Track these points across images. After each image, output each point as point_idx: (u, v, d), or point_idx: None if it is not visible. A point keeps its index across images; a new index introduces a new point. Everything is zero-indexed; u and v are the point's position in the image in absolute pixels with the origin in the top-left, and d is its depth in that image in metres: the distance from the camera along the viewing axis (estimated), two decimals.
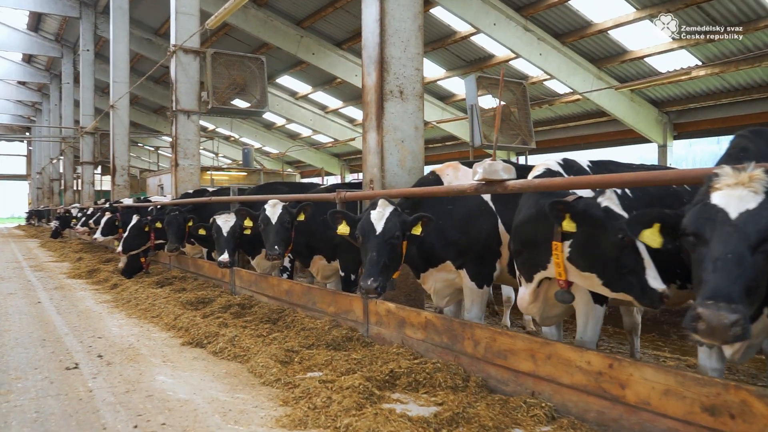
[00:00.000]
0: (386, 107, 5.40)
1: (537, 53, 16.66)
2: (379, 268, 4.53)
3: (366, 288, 4.48)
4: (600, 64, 17.56)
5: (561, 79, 17.28)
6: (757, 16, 13.89)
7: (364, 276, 4.54)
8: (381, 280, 4.49)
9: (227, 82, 11.55)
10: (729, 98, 17.57)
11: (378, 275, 4.50)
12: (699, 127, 19.17)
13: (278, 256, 6.18)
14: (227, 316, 6.82)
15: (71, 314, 7.45)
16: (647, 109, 19.21)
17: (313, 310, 6.37)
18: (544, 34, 16.63)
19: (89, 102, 24.02)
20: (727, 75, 16.57)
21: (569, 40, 16.75)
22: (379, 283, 4.47)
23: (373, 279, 4.48)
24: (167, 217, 9.16)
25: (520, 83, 14.63)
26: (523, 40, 16.39)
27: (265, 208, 6.30)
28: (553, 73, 17.08)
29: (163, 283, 9.50)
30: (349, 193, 5.27)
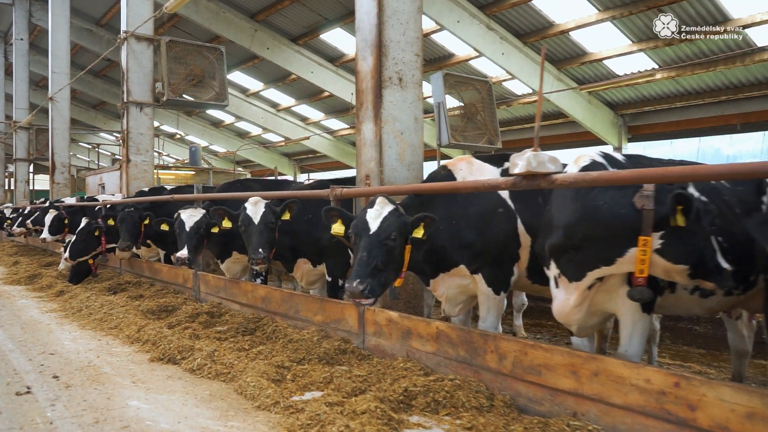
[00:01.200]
0: (385, 95, 4.90)
1: (500, 53, 16.49)
2: (369, 270, 4.03)
3: (351, 290, 3.98)
4: (560, 65, 17.54)
5: (522, 79, 17.18)
6: (714, 21, 14.10)
7: (351, 277, 4.05)
8: (369, 282, 4.00)
9: (184, 73, 10.76)
10: (683, 102, 17.89)
11: (366, 277, 4.01)
12: (653, 130, 19.49)
13: (263, 260, 5.56)
14: (196, 326, 6.15)
15: (14, 326, 6.60)
16: (604, 112, 19.39)
17: (295, 319, 5.79)
18: (506, 34, 16.47)
19: (23, 95, 22.41)
20: (682, 79, 16.84)
21: (531, 40, 16.65)
22: (366, 285, 3.98)
23: (359, 281, 3.98)
24: (121, 213, 8.34)
25: (485, 81, 14.38)
26: (486, 39, 16.18)
27: (246, 206, 5.68)
28: (514, 73, 16.96)
29: (115, 289, 8.67)
30: (346, 189, 4.75)
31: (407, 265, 4.28)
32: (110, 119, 35.64)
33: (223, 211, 6.02)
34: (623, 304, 3.43)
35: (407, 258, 4.23)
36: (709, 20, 14.12)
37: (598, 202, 3.11)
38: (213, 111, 30.60)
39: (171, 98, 10.54)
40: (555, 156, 3.18)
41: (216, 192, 7.40)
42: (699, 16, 14.13)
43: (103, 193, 19.85)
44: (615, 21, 14.95)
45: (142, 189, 10.17)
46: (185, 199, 7.73)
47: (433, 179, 4.53)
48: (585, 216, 3.19)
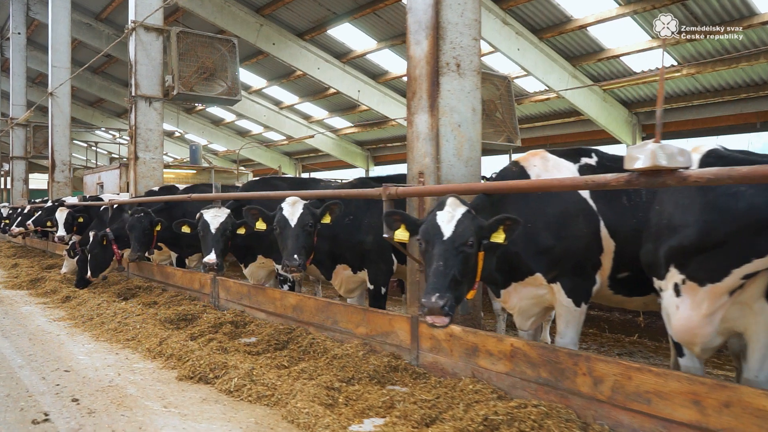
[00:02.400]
0: (442, 83, 4.39)
1: (515, 48, 16.00)
2: (448, 281, 3.51)
3: (430, 306, 3.44)
4: (575, 62, 17.08)
5: (537, 76, 16.69)
6: (740, 15, 13.65)
7: (428, 291, 3.52)
8: (449, 298, 3.47)
9: (195, 66, 10.22)
10: (701, 100, 17.45)
11: (446, 291, 3.48)
12: (668, 129, 19.02)
13: (298, 268, 4.99)
14: (221, 337, 5.62)
15: (21, 337, 6.05)
16: (618, 110, 18.94)
17: (333, 331, 5.27)
18: (522, 29, 15.98)
19: (21, 91, 21.77)
20: (701, 76, 16.40)
21: (547, 35, 16.16)
22: (446, 300, 3.44)
23: (438, 295, 3.45)
24: (131, 219, 7.79)
25: (504, 78, 13.89)
26: (501, 34, 15.69)
27: (282, 207, 5.14)
28: (530, 69, 16.46)
29: (125, 294, 8.13)
30: (402, 188, 4.22)
31: (480, 275, 3.76)
32: (108, 117, 35.02)
33: (257, 211, 5.47)
34: (758, 321, 2.93)
35: (481, 266, 3.72)
36: (735, 14, 13.67)
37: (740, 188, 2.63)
38: (213, 109, 30.02)
39: (182, 92, 9.99)
40: (683, 147, 2.67)
41: (240, 191, 6.86)
42: (724, 11, 13.67)
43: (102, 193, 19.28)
44: (636, 16, 14.48)
45: (152, 189, 9.61)
46: (204, 199, 7.19)
47: (504, 177, 4.02)
48: (728, 207, 2.69)
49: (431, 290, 3.50)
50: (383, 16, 17.52)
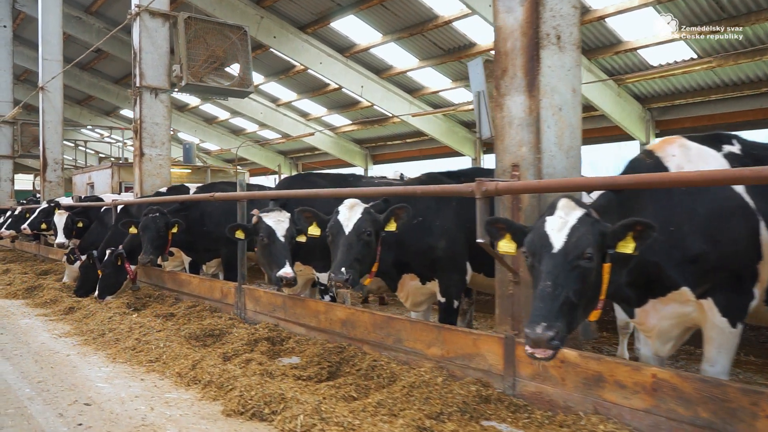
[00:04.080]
0: (543, 58, 3.68)
1: None
2: (557, 306, 2.81)
3: (534, 338, 2.74)
4: (591, 54, 16.43)
5: None
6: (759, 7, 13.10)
7: (532, 319, 2.81)
8: (559, 327, 2.76)
9: (204, 55, 9.42)
10: (719, 94, 16.90)
11: (555, 318, 2.77)
12: (683, 125, 18.46)
13: (345, 284, 4.21)
14: (259, 357, 4.87)
15: (24, 358, 5.24)
16: (632, 105, 18.36)
17: (396, 351, 4.53)
18: None
19: (7, 87, 20.72)
20: (720, 69, 15.85)
21: None
22: (556, 331, 2.74)
23: (545, 325, 2.74)
24: (143, 219, 6.98)
25: None
26: None
27: (339, 210, 4.38)
28: None
29: (135, 304, 7.33)
30: (502, 183, 3.48)
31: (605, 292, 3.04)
32: (97, 115, 33.98)
33: (311, 214, 4.70)
34: None
35: (606, 282, 3.00)
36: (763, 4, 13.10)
37: None
38: (206, 106, 29.11)
39: (191, 83, 9.19)
40: None
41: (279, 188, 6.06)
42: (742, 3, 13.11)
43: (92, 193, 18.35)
44: (659, 6, 13.87)
45: (159, 190, 8.79)
46: (228, 198, 6.41)
47: (636, 169, 3.31)
48: None
49: (536, 318, 2.79)
50: (390, 7, 16.79)
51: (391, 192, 4.56)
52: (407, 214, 4.30)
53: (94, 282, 8.28)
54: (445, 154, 25.02)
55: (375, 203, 4.60)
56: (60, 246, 9.94)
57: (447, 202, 4.71)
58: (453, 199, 4.71)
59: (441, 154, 25.30)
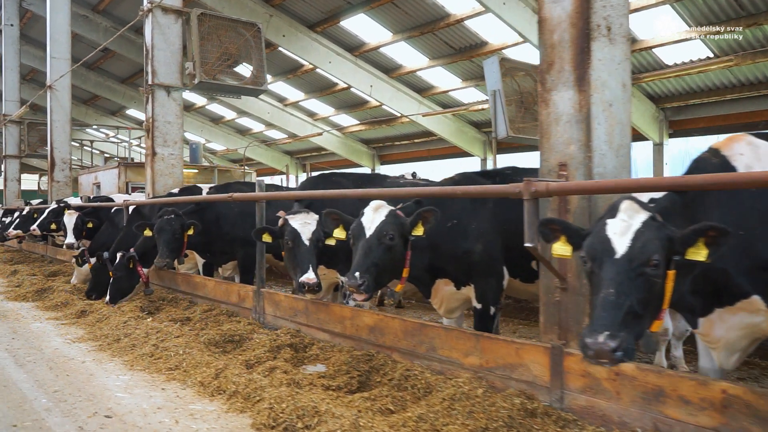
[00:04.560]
0: (593, 50, 3.46)
1: None
2: (621, 315, 2.61)
3: (596, 349, 2.54)
4: None
5: None
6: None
7: (594, 327, 2.61)
8: (623, 338, 2.56)
9: (218, 52, 9.21)
10: (735, 94, 16.64)
11: (619, 328, 2.57)
12: (698, 125, 18.22)
13: (359, 289, 3.96)
14: (282, 364, 4.66)
15: (38, 365, 5.04)
16: (645, 105, 18.11)
17: (429, 359, 4.31)
18: None
19: (14, 86, 20.57)
20: (736, 69, 15.59)
21: None
22: (620, 342, 2.55)
23: (609, 334, 2.55)
24: (159, 221, 6.78)
25: None
26: (531, 23, 14.77)
27: (365, 212, 4.16)
28: None
29: (148, 308, 7.13)
30: (553, 183, 3.26)
31: (668, 301, 2.82)
32: (102, 115, 33.85)
33: (338, 216, 4.48)
34: None
35: (669, 290, 2.78)
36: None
37: None
38: (212, 105, 28.94)
39: (204, 80, 8.98)
40: None
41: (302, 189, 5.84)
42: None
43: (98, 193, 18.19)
44: (676, 4, 13.63)
45: (172, 191, 8.58)
46: (248, 199, 6.20)
47: (701, 169, 3.08)
48: None
49: (599, 327, 2.58)
50: (401, 6, 16.58)
51: (426, 193, 4.33)
52: (435, 217, 4.07)
53: (106, 284, 8.08)
54: (454, 154, 24.79)
55: (406, 205, 4.37)
56: (69, 247, 9.74)
57: (483, 204, 4.49)
58: (489, 200, 4.49)
59: (450, 154, 25.07)
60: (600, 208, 3.49)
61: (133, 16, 16.71)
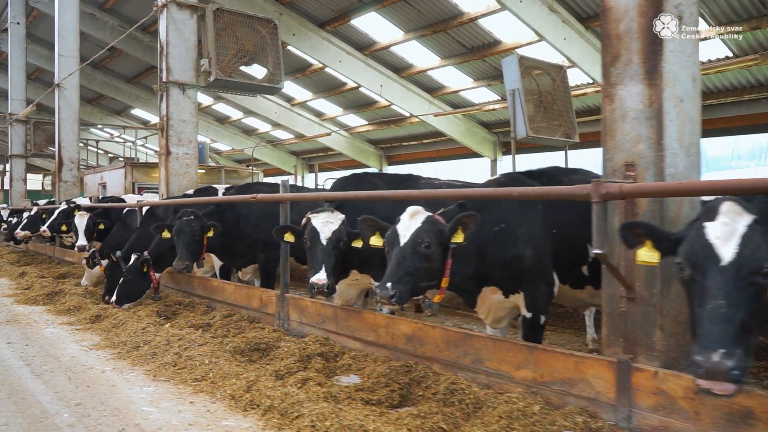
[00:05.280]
0: (665, 41, 3.20)
1: (561, 38, 14.84)
2: (734, 329, 2.39)
3: (711, 368, 2.31)
4: None
5: (584, 68, 15.51)
6: None
7: (706, 343, 2.38)
8: (739, 355, 2.34)
9: (234, 49, 8.96)
10: (753, 94, 16.36)
11: (734, 344, 2.36)
12: (714, 126, 17.89)
13: (390, 300, 3.67)
14: (315, 375, 4.41)
15: (56, 375, 4.78)
16: None
17: (475, 372, 4.05)
18: (568, 17, 14.82)
19: (20, 85, 20.33)
20: (755, 69, 15.30)
21: (594, 24, 14.98)
22: (736, 360, 2.33)
23: (725, 352, 2.34)
24: (178, 223, 6.52)
25: (560, 67, 12.72)
26: (548, 22, 14.53)
27: (400, 219, 3.89)
28: (576, 61, 15.29)
29: (165, 312, 6.87)
30: (627, 185, 2.95)
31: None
32: (107, 115, 33.64)
33: (373, 222, 4.21)
34: None
35: None
36: None
37: None
38: (219, 105, 28.71)
39: (220, 78, 8.73)
40: None
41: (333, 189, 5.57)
42: None
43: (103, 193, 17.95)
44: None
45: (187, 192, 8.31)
46: (272, 200, 5.93)
47: None
48: None
49: (711, 343, 2.34)
50: (414, 4, 16.33)
51: (476, 195, 4.05)
52: (476, 223, 3.79)
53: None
54: (463, 155, 24.52)
55: (448, 209, 4.10)
56: (80, 249, 9.48)
57: (532, 206, 4.22)
58: (538, 202, 4.22)
59: (459, 155, 24.81)
60: (671, 212, 3.23)
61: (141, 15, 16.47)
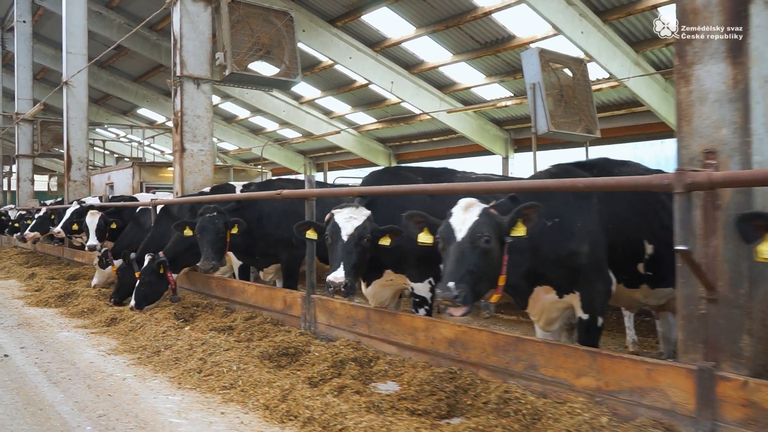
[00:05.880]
0: (752, 14, 2.90)
1: (579, 31, 14.52)
2: None
3: None
4: (639, 47, 15.58)
5: (601, 62, 15.16)
6: None
7: None
8: None
9: (249, 42, 8.67)
10: None
11: None
12: None
13: (455, 301, 3.36)
14: (350, 382, 4.12)
15: (76, 383, 4.50)
16: None
17: (527, 379, 3.75)
18: (586, 10, 14.49)
19: (26, 84, 20.10)
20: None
21: (612, 17, 14.66)
22: None
23: None
24: (201, 220, 6.21)
25: (581, 60, 12.42)
26: (565, 15, 14.21)
27: (453, 212, 3.59)
28: (593, 55, 14.95)
29: (183, 314, 6.59)
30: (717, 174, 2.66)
31: None
32: (113, 115, 33.45)
33: (422, 218, 3.90)
34: None
35: None
36: None
37: None
38: (226, 104, 28.44)
39: (235, 71, 8.44)
40: None
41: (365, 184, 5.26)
42: None
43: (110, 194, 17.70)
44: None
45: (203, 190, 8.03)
46: (298, 196, 5.64)
47: None
48: None
49: None
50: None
51: (530, 186, 3.74)
52: (539, 214, 3.50)
53: (131, 287, 7.56)
54: (473, 152, 24.21)
55: (499, 202, 3.80)
56: (91, 249, 9.22)
57: (587, 199, 3.93)
58: (593, 194, 3.92)
59: (469, 152, 24.50)
60: (758, 204, 2.92)
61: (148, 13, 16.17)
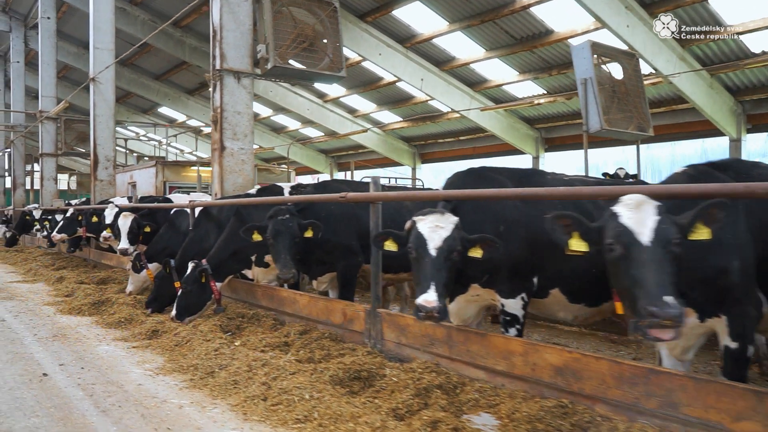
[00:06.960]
0: None
1: (624, 25, 13.86)
2: None
3: None
4: (685, 42, 14.87)
5: (646, 57, 14.47)
6: None
7: None
8: None
9: (292, 34, 8.15)
10: None
11: None
12: None
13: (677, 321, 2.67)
14: (444, 416, 3.57)
15: (127, 411, 3.98)
16: (724, 97, 16.75)
17: (663, 418, 3.17)
18: (632, 2, 13.82)
19: (50, 81, 19.76)
20: None
21: (659, 10, 13.96)
22: None
23: None
24: (273, 222, 5.62)
25: (632, 55, 11.78)
26: (611, 7, 13.57)
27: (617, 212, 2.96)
28: (638, 49, 14.23)
29: (228, 326, 6.09)
30: None
31: None
32: (134, 113, 33.19)
33: (572, 220, 3.18)
34: None
35: None
36: None
37: None
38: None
39: (278, 65, 7.92)
40: None
41: (446, 187, 4.68)
42: None
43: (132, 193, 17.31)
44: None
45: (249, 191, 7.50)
46: (364, 200, 5.10)
47: None
48: None
49: None
50: None
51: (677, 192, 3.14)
52: (724, 213, 2.91)
53: (168, 296, 7.11)
54: (502, 152, 23.58)
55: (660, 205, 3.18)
56: (123, 252, 8.76)
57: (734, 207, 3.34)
58: (739, 202, 3.34)
59: (497, 151, 23.86)
60: None
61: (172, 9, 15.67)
